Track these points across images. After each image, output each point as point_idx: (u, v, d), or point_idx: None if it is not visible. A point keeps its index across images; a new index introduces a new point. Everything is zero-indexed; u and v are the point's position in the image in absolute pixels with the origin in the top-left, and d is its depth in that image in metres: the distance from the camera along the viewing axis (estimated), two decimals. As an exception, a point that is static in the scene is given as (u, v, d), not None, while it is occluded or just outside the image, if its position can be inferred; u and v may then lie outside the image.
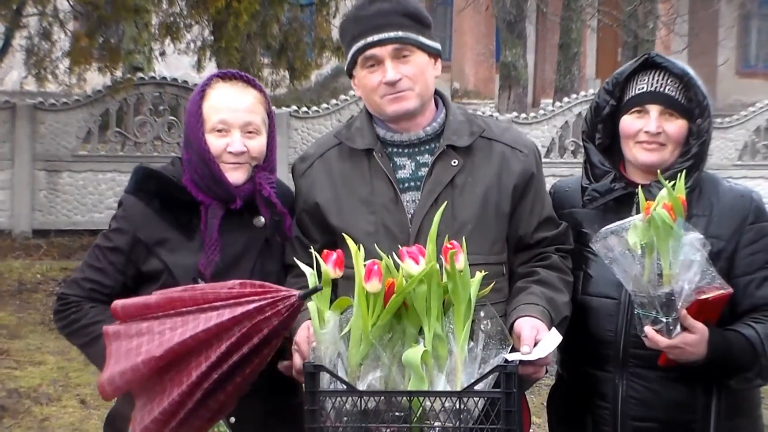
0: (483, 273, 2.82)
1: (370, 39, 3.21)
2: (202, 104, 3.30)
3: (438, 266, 2.73)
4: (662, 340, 3.07)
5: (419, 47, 3.25)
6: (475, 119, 3.39)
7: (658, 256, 3.01)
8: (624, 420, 3.33)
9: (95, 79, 15.77)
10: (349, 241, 2.77)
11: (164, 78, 15.57)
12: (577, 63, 20.74)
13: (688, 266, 3.00)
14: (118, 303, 2.89)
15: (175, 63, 17.24)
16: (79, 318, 3.30)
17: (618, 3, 21.33)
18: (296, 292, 2.70)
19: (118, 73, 15.15)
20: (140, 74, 15.51)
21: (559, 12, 20.95)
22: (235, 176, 3.30)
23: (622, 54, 21.69)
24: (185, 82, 15.45)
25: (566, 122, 17.02)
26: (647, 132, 3.31)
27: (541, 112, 17.53)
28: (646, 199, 3.06)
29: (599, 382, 3.36)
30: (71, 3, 14.76)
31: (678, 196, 3.02)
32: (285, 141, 15.35)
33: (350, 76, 3.37)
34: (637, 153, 3.34)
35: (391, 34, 3.21)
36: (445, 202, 3.03)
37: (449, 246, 2.72)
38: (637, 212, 3.12)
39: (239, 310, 2.67)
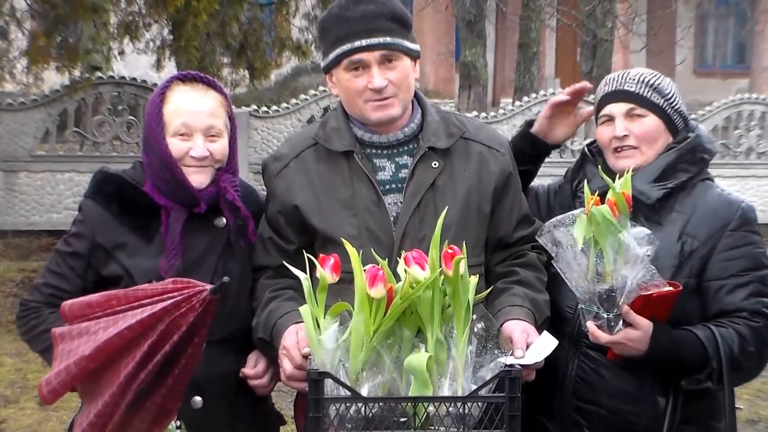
0: (477, 276, 2.82)
1: (358, 43, 3.18)
2: (162, 107, 3.27)
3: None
4: (603, 336, 3.10)
5: (405, 52, 3.23)
6: (451, 119, 3.39)
7: (601, 252, 3.03)
8: (568, 399, 3.37)
9: (53, 78, 15.66)
10: (349, 247, 2.74)
11: (123, 77, 15.48)
12: (537, 62, 20.82)
13: (632, 262, 3.01)
14: (66, 304, 2.88)
15: (133, 62, 17.15)
16: (38, 324, 3.29)
17: (577, 3, 21.41)
18: (208, 287, 2.69)
19: (77, 73, 15.01)
20: (99, 74, 15.42)
21: (518, 12, 21.02)
22: (198, 179, 3.28)
23: (581, 53, 21.77)
24: (144, 81, 15.37)
25: (525, 122, 17.02)
26: (616, 137, 3.35)
27: (501, 111, 17.58)
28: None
29: (555, 358, 3.35)
30: (28, 2, 14.62)
31: (622, 192, 3.03)
32: (245, 141, 15.30)
33: (327, 73, 3.32)
34: (613, 162, 3.38)
35: (380, 40, 3.18)
36: (447, 207, 3.00)
37: (449, 251, 2.72)
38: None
39: (159, 306, 2.68)
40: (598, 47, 20.16)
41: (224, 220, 3.33)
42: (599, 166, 3.39)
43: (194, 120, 3.26)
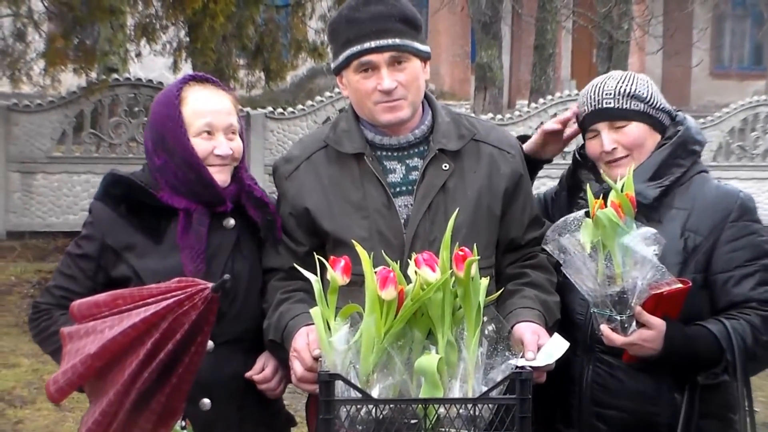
0: (488, 278, 2.82)
1: (367, 45, 3.18)
2: (181, 109, 3.27)
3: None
4: (618, 338, 3.10)
5: (414, 54, 3.23)
6: (461, 120, 3.39)
7: (609, 255, 3.03)
8: (587, 405, 3.36)
9: (70, 80, 15.71)
10: (360, 249, 2.75)
11: (139, 79, 15.50)
12: (553, 64, 20.79)
13: (641, 262, 3.01)
14: (74, 304, 2.90)
15: (150, 64, 17.20)
16: (48, 325, 3.30)
17: (593, 4, 21.39)
18: (210, 285, 2.70)
19: (93, 75, 15.08)
20: (115, 75, 15.46)
21: (534, 13, 21.00)
22: (221, 178, 3.28)
23: (597, 55, 21.80)
24: (161, 83, 15.36)
25: (541, 123, 16.99)
26: (605, 151, 3.36)
27: (517, 113, 17.55)
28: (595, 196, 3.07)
29: (569, 366, 3.35)
30: (45, 4, 14.68)
31: (626, 193, 3.04)
32: (261, 142, 15.31)
33: (337, 75, 3.33)
34: (608, 171, 3.37)
35: (389, 42, 3.18)
36: (457, 210, 3.01)
37: (461, 253, 2.72)
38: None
39: (162, 304, 2.69)
40: (614, 49, 20.14)
41: (232, 221, 3.33)
42: (600, 171, 3.42)
43: (217, 119, 3.27)
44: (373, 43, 3.17)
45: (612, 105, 3.37)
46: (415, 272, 2.71)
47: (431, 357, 2.66)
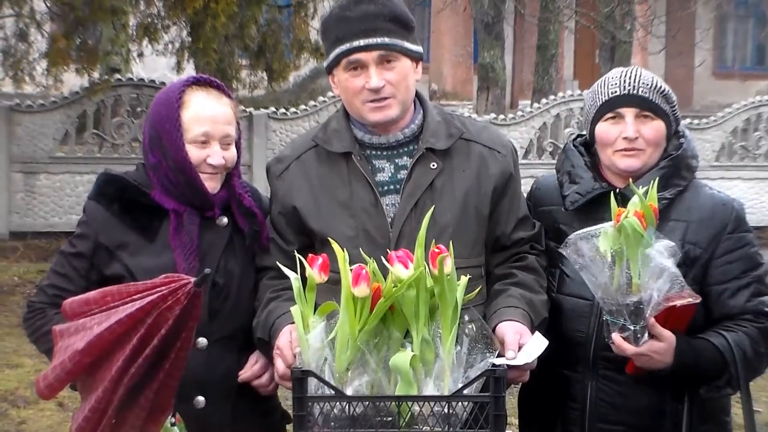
0: (468, 277, 2.82)
1: (356, 43, 3.19)
2: (180, 112, 3.27)
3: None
4: (629, 348, 3.09)
5: (404, 53, 3.23)
6: (452, 120, 3.38)
7: (628, 264, 3.01)
8: (592, 422, 3.35)
9: (72, 80, 15.69)
10: (336, 246, 2.77)
11: (142, 79, 15.51)
12: (555, 64, 20.77)
13: (658, 274, 3.00)
14: (66, 302, 2.91)
15: (152, 64, 17.19)
16: (42, 324, 3.31)
17: (595, 4, 21.37)
18: (193, 279, 2.71)
19: (96, 75, 15.06)
20: (118, 75, 15.45)
21: (536, 13, 20.97)
22: (211, 186, 3.30)
23: (600, 55, 21.75)
24: (163, 83, 15.33)
25: (544, 123, 17.07)
26: (625, 138, 3.31)
27: (519, 113, 17.56)
28: (619, 204, 3.06)
29: (569, 383, 3.37)
30: (48, 4, 14.67)
31: (649, 204, 3.02)
32: (263, 143, 15.35)
33: (329, 73, 3.34)
34: (616, 160, 3.34)
35: (378, 40, 3.19)
36: (432, 207, 3.02)
37: (436, 250, 2.72)
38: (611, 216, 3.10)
39: (147, 299, 2.70)
40: (616, 49, 20.13)
41: (225, 219, 3.35)
42: (600, 169, 3.42)
43: (214, 129, 3.27)
44: (361, 42, 3.18)
45: (647, 95, 3.32)
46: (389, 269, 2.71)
47: (405, 354, 2.67)
